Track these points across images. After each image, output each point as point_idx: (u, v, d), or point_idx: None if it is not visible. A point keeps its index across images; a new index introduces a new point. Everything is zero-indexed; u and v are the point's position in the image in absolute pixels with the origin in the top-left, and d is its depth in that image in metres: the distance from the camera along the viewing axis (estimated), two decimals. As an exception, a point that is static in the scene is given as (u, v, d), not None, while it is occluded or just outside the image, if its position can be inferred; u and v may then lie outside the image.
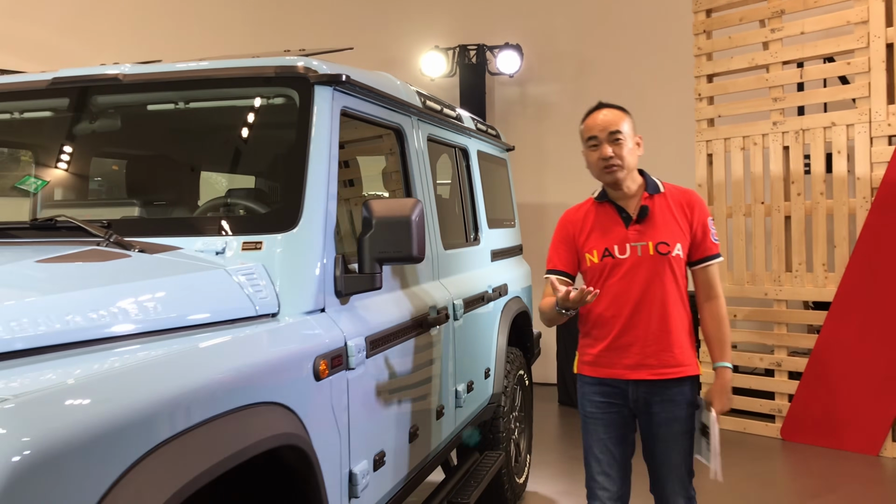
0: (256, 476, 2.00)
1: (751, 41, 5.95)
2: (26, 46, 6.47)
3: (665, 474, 2.75)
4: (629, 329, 2.68)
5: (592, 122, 2.75)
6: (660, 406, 2.70)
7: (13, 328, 1.57)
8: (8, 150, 3.28)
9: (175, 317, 1.87)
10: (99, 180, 2.93)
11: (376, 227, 2.33)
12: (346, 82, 2.54)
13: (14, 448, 1.20)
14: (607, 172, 2.71)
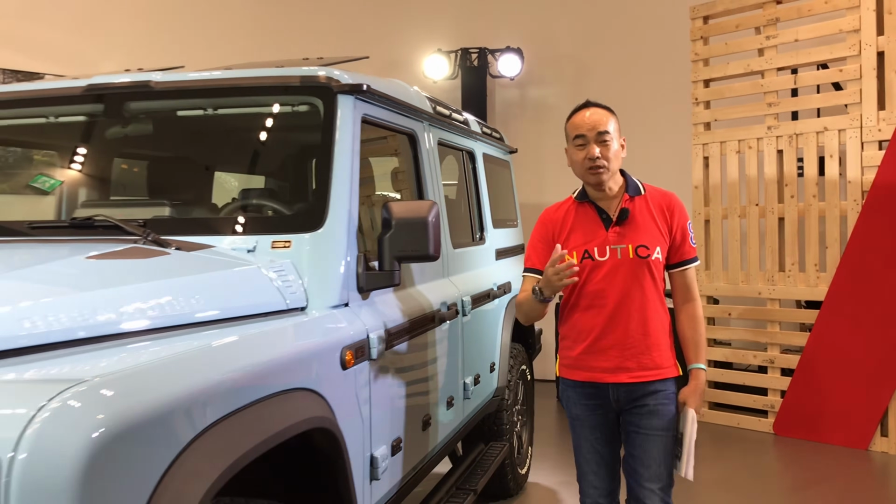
0: (286, 460, 2.16)
1: (746, 48, 6.12)
2: (36, 46, 6.62)
3: (642, 473, 2.67)
4: (608, 332, 2.66)
5: (580, 120, 2.70)
6: (643, 399, 2.67)
7: (76, 319, 1.73)
8: (35, 151, 3.44)
9: (216, 310, 2.04)
10: (130, 182, 3.08)
11: (395, 227, 2.49)
12: (367, 91, 2.70)
13: (92, 426, 1.36)
14: (592, 173, 2.67)
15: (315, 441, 2.10)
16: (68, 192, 3.09)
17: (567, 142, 2.76)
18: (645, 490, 2.67)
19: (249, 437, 1.72)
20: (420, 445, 2.94)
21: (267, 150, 2.92)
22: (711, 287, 6.31)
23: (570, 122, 2.74)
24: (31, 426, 1.29)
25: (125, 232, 2.44)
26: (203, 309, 2.01)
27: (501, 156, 5.02)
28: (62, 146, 3.10)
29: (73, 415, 1.34)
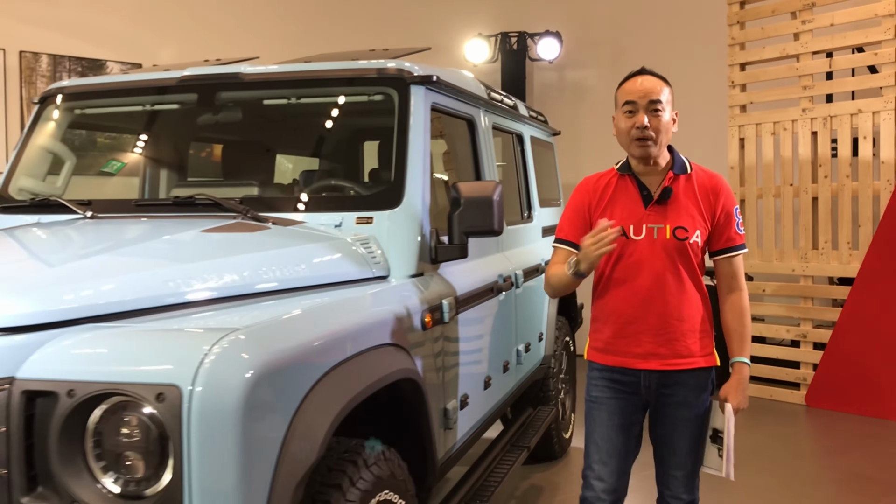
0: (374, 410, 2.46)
1: (782, 32, 6.30)
2: (98, 35, 6.95)
3: (669, 460, 2.62)
4: (639, 316, 2.53)
5: (632, 86, 2.54)
6: (672, 389, 2.56)
7: (208, 282, 2.05)
8: (129, 136, 3.76)
9: (318, 275, 2.35)
10: (218, 164, 3.39)
11: (464, 205, 2.76)
12: (435, 81, 2.98)
13: (248, 364, 1.66)
14: (639, 145, 2.51)
15: (402, 391, 2.40)
16: (162, 173, 3.41)
17: (616, 108, 2.59)
18: (670, 477, 2.63)
19: (359, 381, 2.03)
20: (482, 403, 3.23)
21: (345, 136, 3.21)
22: (746, 264, 6.50)
23: (622, 88, 2.58)
24: (203, 365, 1.60)
25: (223, 209, 2.76)
26: (306, 275, 2.32)
27: (546, 138, 5.28)
28: (156, 132, 3.42)
29: (233, 355, 1.65)
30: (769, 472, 4.64)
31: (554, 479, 4.52)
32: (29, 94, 6.56)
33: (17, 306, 1.73)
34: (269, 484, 1.68)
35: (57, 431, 1.62)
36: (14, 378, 1.65)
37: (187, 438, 1.56)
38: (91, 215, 2.83)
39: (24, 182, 3.22)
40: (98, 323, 1.80)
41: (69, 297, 1.81)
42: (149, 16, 7.23)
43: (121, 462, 1.63)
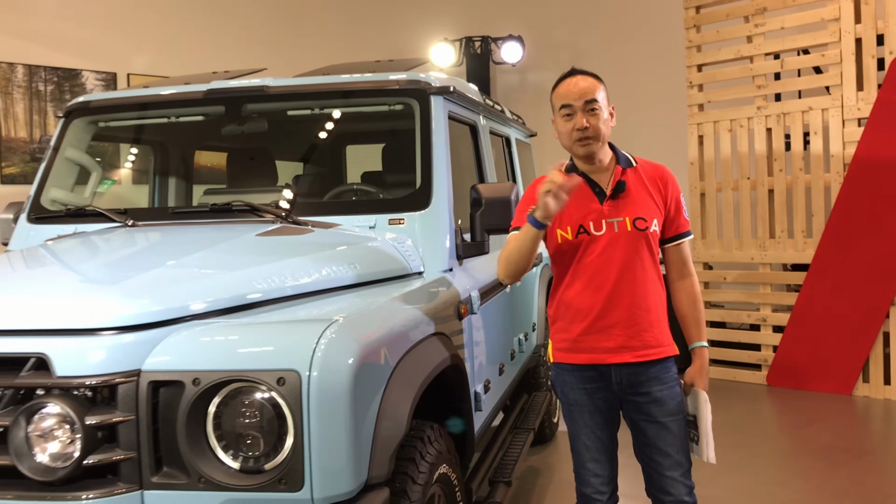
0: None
1: (736, 35, 6.72)
2: (72, 44, 6.99)
3: (661, 462, 2.58)
4: (609, 310, 2.51)
5: (566, 89, 2.53)
6: (647, 386, 2.55)
7: (282, 281, 2.27)
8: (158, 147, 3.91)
9: (370, 272, 2.58)
10: (245, 172, 3.57)
11: (485, 205, 3.02)
12: (452, 92, 3.23)
13: (351, 349, 1.89)
14: (581, 145, 2.51)
15: (447, 375, 2.64)
16: (188, 182, 3.58)
17: (553, 113, 2.59)
18: (667, 479, 2.58)
19: (426, 365, 2.27)
20: (498, 387, 3.50)
21: (368, 143, 3.43)
22: (707, 254, 6.94)
23: (556, 92, 2.58)
24: (316, 352, 1.82)
25: (258, 215, 2.96)
26: (361, 272, 2.55)
27: (525, 139, 5.57)
28: (182, 142, 3.59)
29: (338, 343, 1.87)
30: (743, 447, 5.01)
31: (548, 461, 4.82)
32: (5, 104, 6.58)
33: (138, 307, 1.93)
34: (369, 455, 1.91)
35: (184, 416, 1.82)
36: (140, 370, 1.85)
37: (307, 417, 1.78)
38: (132, 223, 3.00)
39: (55, 193, 3.36)
40: (203, 320, 2.00)
41: (179, 298, 2.01)
42: (122, 25, 7.30)
43: (240, 441, 1.84)
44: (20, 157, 6.67)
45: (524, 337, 4.24)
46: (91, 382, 1.83)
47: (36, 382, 1.84)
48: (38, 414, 1.84)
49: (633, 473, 2.80)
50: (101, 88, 7.13)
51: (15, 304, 1.99)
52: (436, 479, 2.29)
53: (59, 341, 1.87)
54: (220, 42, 7.79)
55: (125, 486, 1.83)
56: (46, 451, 1.84)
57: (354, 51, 8.29)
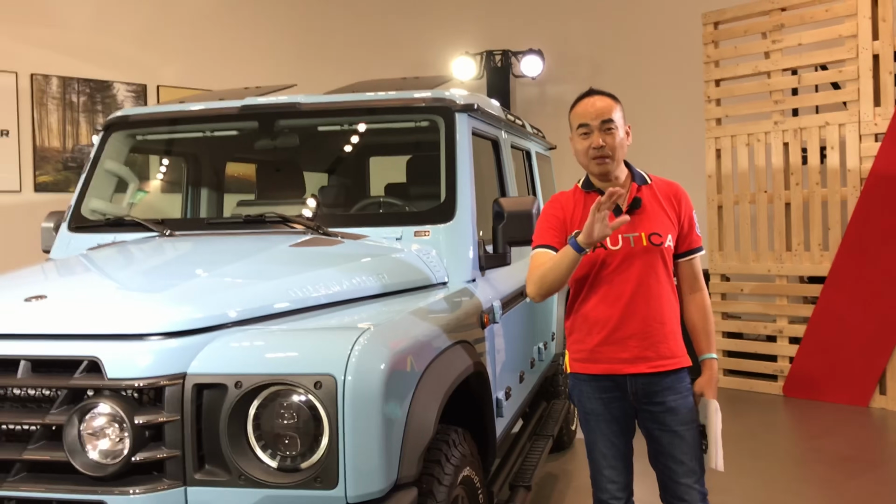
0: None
1: (754, 51, 6.81)
2: (104, 56, 7.19)
3: (676, 470, 2.65)
4: (626, 322, 2.60)
5: (584, 108, 2.63)
6: (661, 395, 2.63)
7: (317, 290, 2.39)
8: (174, 160, 4.07)
9: (398, 282, 2.70)
10: (275, 184, 3.71)
11: (507, 218, 3.13)
12: (475, 109, 3.35)
13: (383, 355, 2.01)
14: (597, 163, 2.60)
15: (470, 382, 2.75)
16: (221, 193, 3.72)
17: (571, 131, 2.68)
18: (682, 486, 2.65)
19: (451, 371, 2.38)
20: (518, 395, 3.60)
21: (395, 158, 3.56)
22: (725, 266, 7.01)
23: (574, 112, 2.67)
24: (351, 358, 1.94)
25: (290, 225, 3.09)
26: (389, 281, 2.67)
27: (544, 152, 5.68)
28: (216, 156, 3.73)
29: (371, 349, 1.99)
30: (758, 456, 5.08)
31: (566, 468, 4.91)
32: (40, 115, 6.78)
33: (182, 314, 2.06)
34: (398, 456, 2.02)
35: (226, 417, 1.94)
36: (186, 374, 1.98)
37: (342, 419, 1.90)
38: (169, 233, 3.14)
39: (95, 203, 3.50)
40: (242, 326, 2.13)
41: (220, 305, 2.14)
42: (152, 39, 7.50)
43: (278, 441, 1.96)
44: (53, 165, 6.86)
45: (543, 346, 4.34)
46: (139, 384, 1.96)
47: (89, 384, 1.97)
48: (90, 413, 1.97)
49: (649, 481, 2.89)
50: (132, 100, 7.32)
51: (68, 311, 2.12)
52: (460, 481, 2.40)
53: (111, 345, 2.00)
54: (248, 55, 7.97)
55: (170, 483, 1.95)
56: (97, 448, 1.97)
57: (378, 64, 8.47)
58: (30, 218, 6.48)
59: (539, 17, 8.85)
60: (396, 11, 8.92)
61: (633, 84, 8.05)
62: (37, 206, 6.57)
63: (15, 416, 2.05)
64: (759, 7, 6.71)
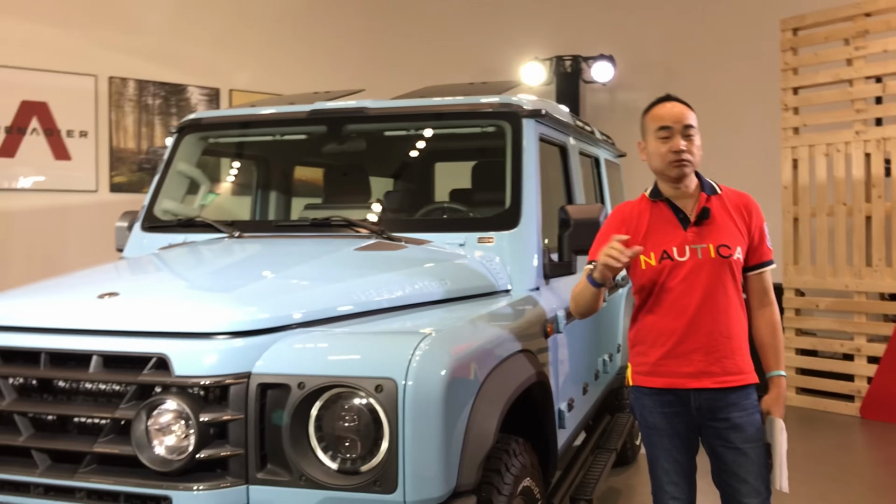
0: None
1: (835, 58, 6.58)
2: (179, 61, 7.39)
3: (739, 489, 2.57)
4: (690, 335, 2.53)
5: (665, 111, 2.58)
6: (726, 412, 2.55)
7: (381, 294, 2.39)
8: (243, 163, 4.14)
9: (461, 288, 2.69)
10: (342, 188, 3.74)
11: (574, 226, 3.08)
12: (543, 115, 3.31)
13: (444, 360, 1.99)
14: (676, 166, 2.54)
15: (532, 392, 2.71)
16: (289, 196, 3.77)
17: (644, 135, 2.64)
18: None
19: (514, 380, 2.35)
20: (581, 407, 3.54)
21: (461, 163, 3.55)
22: (799, 280, 6.78)
23: (651, 114, 2.62)
24: (412, 363, 1.93)
25: (355, 229, 3.10)
26: (452, 287, 2.66)
27: (614, 159, 5.60)
28: (285, 159, 3.78)
29: (432, 355, 1.97)
30: (831, 478, 4.88)
31: (629, 482, 4.81)
32: (116, 117, 7.00)
33: (248, 314, 2.08)
34: (458, 463, 2.00)
35: (289, 417, 1.95)
36: (250, 373, 2.00)
37: (402, 422, 1.89)
38: (238, 234, 3.18)
39: (167, 204, 3.58)
40: (305, 328, 2.14)
41: (285, 307, 2.16)
42: (225, 44, 7.67)
43: (339, 443, 1.96)
44: (128, 166, 7.08)
45: (608, 358, 4.26)
46: (205, 382, 1.98)
47: (157, 380, 2.01)
48: (157, 409, 2.00)
49: (713, 498, 2.80)
50: (205, 103, 7.50)
51: (139, 308, 2.17)
52: (519, 492, 2.36)
53: (179, 343, 2.03)
54: (318, 60, 8.09)
55: (233, 481, 1.98)
56: (163, 444, 2.00)
57: (447, 69, 8.48)
58: (105, 217, 6.67)
59: (611, 22, 8.74)
60: (466, 16, 8.93)
61: (707, 91, 7.88)
62: (111, 205, 6.78)
63: (86, 410, 2.10)
64: (843, 13, 6.48)
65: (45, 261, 6.52)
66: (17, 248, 6.44)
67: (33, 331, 2.20)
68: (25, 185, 6.50)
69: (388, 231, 3.05)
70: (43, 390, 2.19)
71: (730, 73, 8.06)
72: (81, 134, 6.77)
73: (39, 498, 2.09)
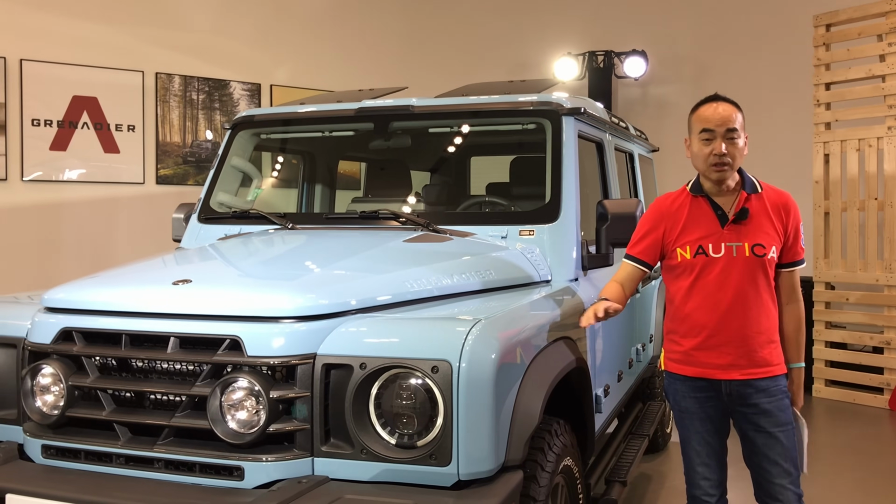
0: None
1: (868, 53, 6.62)
2: (222, 57, 7.60)
3: (770, 470, 2.69)
4: (722, 329, 2.66)
5: (710, 113, 2.66)
6: (755, 398, 2.67)
7: (431, 282, 2.56)
8: (292, 157, 4.32)
9: (505, 278, 2.84)
10: (387, 182, 3.92)
11: (611, 220, 3.22)
12: (582, 113, 3.45)
13: (495, 344, 2.15)
14: (716, 170, 2.64)
15: (571, 377, 2.86)
16: (337, 190, 3.95)
17: (690, 133, 2.73)
18: (776, 486, 2.70)
19: (557, 364, 2.51)
20: (616, 393, 3.69)
21: (503, 159, 3.70)
22: (830, 274, 6.85)
23: (697, 115, 2.70)
24: (465, 346, 2.09)
25: (401, 221, 3.26)
26: (497, 277, 2.82)
27: (647, 154, 5.71)
28: (333, 154, 3.96)
29: (484, 338, 2.13)
30: (861, 468, 4.98)
31: (660, 469, 4.95)
32: (162, 111, 7.23)
33: (313, 300, 2.26)
34: (506, 440, 2.16)
35: (351, 395, 2.12)
36: (316, 354, 2.17)
37: (456, 401, 2.05)
38: (291, 226, 3.36)
39: (222, 197, 3.77)
40: (364, 314, 2.31)
41: (345, 294, 2.33)
42: (266, 40, 7.87)
43: (397, 420, 2.13)
44: (173, 159, 7.30)
45: (641, 347, 4.40)
46: (275, 362, 2.16)
47: (232, 360, 2.19)
48: (230, 387, 2.18)
49: (743, 483, 2.92)
50: (247, 98, 7.71)
51: (212, 294, 2.35)
52: (561, 470, 2.52)
53: (250, 326, 2.21)
54: (356, 56, 8.27)
55: (299, 453, 2.15)
56: (236, 419, 2.18)
57: (481, 65, 8.63)
58: (151, 208, 6.95)
59: (643, 17, 8.81)
60: (499, 12, 9.06)
61: (738, 86, 7.91)
62: (158, 198, 7.03)
63: (164, 387, 2.29)
64: (875, 9, 6.52)
65: (94, 250, 6.77)
66: (69, 237, 6.69)
67: (114, 314, 2.38)
68: (76, 177, 6.75)
69: (432, 224, 3.21)
70: (122, 369, 2.38)
71: (762, 68, 8.11)
72: (129, 128, 7.01)
73: (121, 467, 2.28)
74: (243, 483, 2.15)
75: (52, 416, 2.37)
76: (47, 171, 6.59)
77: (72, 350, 2.37)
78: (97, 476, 2.27)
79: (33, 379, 2.40)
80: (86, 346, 2.38)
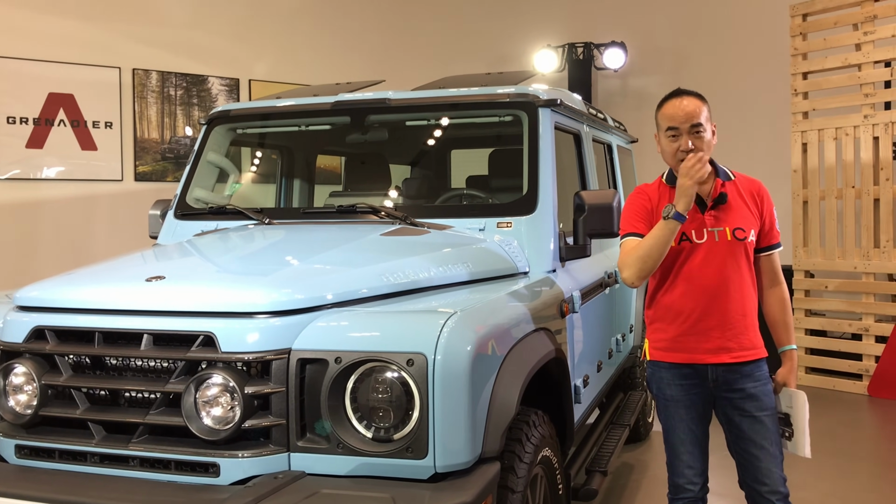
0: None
1: (844, 42, 6.67)
2: (200, 52, 7.54)
3: (757, 455, 2.73)
4: (709, 314, 2.70)
5: (673, 110, 2.69)
6: (741, 382, 2.72)
7: (407, 276, 2.55)
8: (269, 152, 4.30)
9: (482, 270, 2.84)
10: (364, 176, 3.90)
11: (588, 211, 3.22)
12: (559, 104, 3.45)
13: (469, 337, 2.15)
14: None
15: (549, 368, 2.87)
16: (313, 185, 3.93)
17: (658, 130, 2.77)
18: (763, 469, 2.73)
19: (533, 356, 2.51)
20: (596, 383, 3.70)
21: (479, 151, 3.69)
22: (809, 262, 6.90)
23: (662, 113, 2.74)
24: (440, 339, 2.08)
25: (379, 216, 3.25)
26: (474, 269, 2.81)
27: (626, 145, 5.72)
28: (309, 149, 3.94)
29: (458, 331, 2.13)
30: (839, 454, 5.03)
31: (642, 458, 4.97)
32: (140, 108, 7.17)
33: (287, 295, 2.24)
34: (483, 432, 2.16)
35: (327, 390, 2.12)
36: (291, 349, 2.16)
37: (432, 394, 2.05)
38: (268, 221, 3.34)
39: (199, 193, 3.75)
40: (339, 308, 2.30)
41: (320, 288, 2.32)
42: (244, 35, 7.82)
43: (373, 413, 2.12)
44: (152, 156, 7.25)
45: (622, 337, 4.41)
46: (249, 358, 2.15)
47: (205, 356, 2.17)
48: (205, 383, 2.17)
49: (724, 472, 2.94)
50: (225, 93, 7.66)
51: (186, 290, 2.33)
52: (539, 461, 2.52)
53: (224, 322, 2.19)
54: (335, 50, 8.23)
55: (275, 448, 2.14)
56: (211, 415, 2.17)
57: (460, 57, 8.61)
58: (130, 206, 6.89)
59: (622, 9, 8.83)
60: (478, 5, 9.05)
61: (717, 77, 7.99)
62: (136, 194, 6.97)
63: (138, 384, 2.27)
64: (851, -2, 6.57)
65: (72, 247, 6.72)
66: (46, 235, 6.64)
67: (87, 312, 2.36)
68: (53, 175, 6.69)
69: (410, 217, 3.20)
70: (96, 367, 2.36)
71: (740, 58, 8.15)
72: (107, 125, 6.95)
73: (96, 466, 2.26)
74: (219, 479, 2.14)
75: (26, 415, 2.35)
76: (24, 169, 6.53)
77: (44, 349, 2.35)
78: (72, 475, 2.25)
79: (6, 378, 2.38)
80: (59, 345, 2.36)
